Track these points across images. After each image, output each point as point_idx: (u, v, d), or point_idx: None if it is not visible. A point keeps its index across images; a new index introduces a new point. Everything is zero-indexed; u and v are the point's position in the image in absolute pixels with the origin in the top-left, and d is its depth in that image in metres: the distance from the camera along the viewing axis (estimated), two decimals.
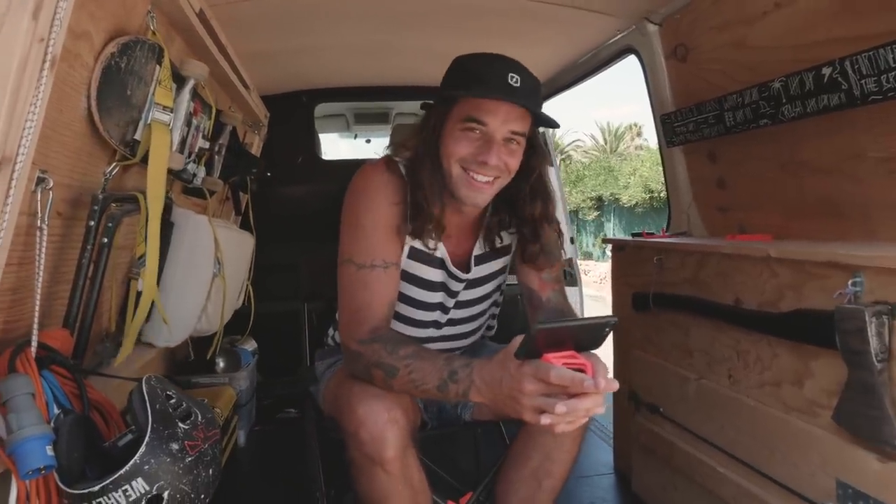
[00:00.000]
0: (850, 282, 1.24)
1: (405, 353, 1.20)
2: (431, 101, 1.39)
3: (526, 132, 1.32)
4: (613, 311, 2.31)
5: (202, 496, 1.04)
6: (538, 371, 0.99)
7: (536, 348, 1.00)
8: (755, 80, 1.67)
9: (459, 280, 1.48)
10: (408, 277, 1.44)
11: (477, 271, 1.50)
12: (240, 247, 2.26)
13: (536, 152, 1.39)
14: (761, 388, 1.54)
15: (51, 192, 1.06)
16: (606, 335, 1.00)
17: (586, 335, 1.00)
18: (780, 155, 1.73)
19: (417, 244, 1.40)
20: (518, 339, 1.03)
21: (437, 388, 1.15)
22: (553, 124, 1.36)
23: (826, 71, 1.43)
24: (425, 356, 1.19)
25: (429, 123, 1.35)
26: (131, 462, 0.96)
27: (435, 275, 1.47)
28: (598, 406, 0.99)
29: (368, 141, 5.05)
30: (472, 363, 1.13)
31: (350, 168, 1.44)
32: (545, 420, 1.00)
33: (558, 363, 0.98)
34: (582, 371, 0.98)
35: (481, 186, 1.31)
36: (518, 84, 1.24)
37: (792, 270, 1.43)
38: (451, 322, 1.55)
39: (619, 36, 2.34)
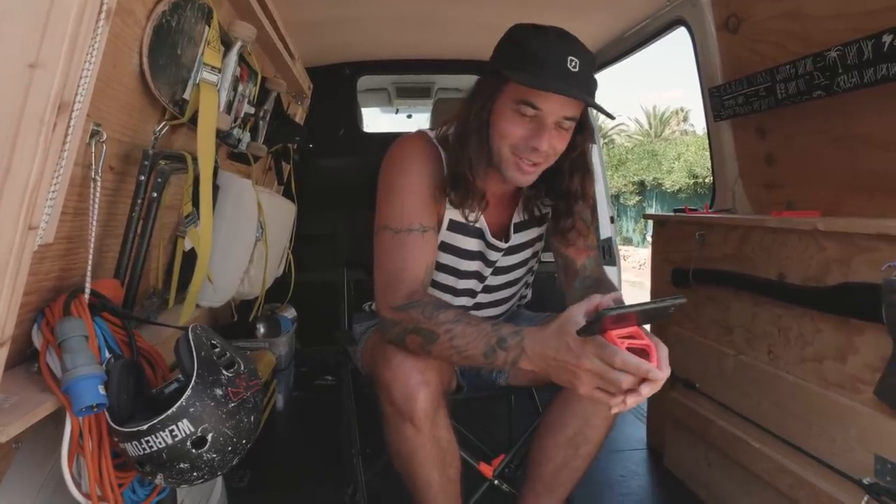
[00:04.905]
0: None
1: (445, 319, 1.17)
2: (483, 75, 1.33)
3: (578, 116, 1.27)
4: (652, 288, 2.28)
5: (244, 441, 1.07)
6: (603, 353, 0.98)
7: (601, 328, 0.98)
8: (809, 51, 1.62)
9: (498, 249, 1.48)
10: (445, 248, 1.44)
11: (516, 238, 1.50)
12: (282, 214, 2.29)
13: (584, 130, 1.34)
14: (801, 363, 1.51)
15: (104, 146, 1.09)
16: (672, 314, 0.99)
17: (652, 315, 1.00)
18: (833, 129, 1.68)
19: (457, 216, 1.40)
20: (576, 311, 1.03)
21: (483, 355, 1.13)
22: (609, 116, 1.31)
23: (886, 39, 1.37)
24: (469, 321, 1.16)
25: (480, 96, 1.30)
26: (178, 403, 0.99)
27: (473, 244, 1.47)
28: (656, 390, 0.99)
29: (410, 116, 5.06)
30: (522, 331, 1.11)
31: (392, 141, 1.43)
32: (600, 397, 1.01)
33: (622, 343, 0.97)
34: (645, 351, 0.97)
35: (528, 170, 1.28)
36: (577, 69, 1.18)
37: (840, 244, 1.39)
38: (487, 289, 1.56)
39: (669, 7, 2.29)
